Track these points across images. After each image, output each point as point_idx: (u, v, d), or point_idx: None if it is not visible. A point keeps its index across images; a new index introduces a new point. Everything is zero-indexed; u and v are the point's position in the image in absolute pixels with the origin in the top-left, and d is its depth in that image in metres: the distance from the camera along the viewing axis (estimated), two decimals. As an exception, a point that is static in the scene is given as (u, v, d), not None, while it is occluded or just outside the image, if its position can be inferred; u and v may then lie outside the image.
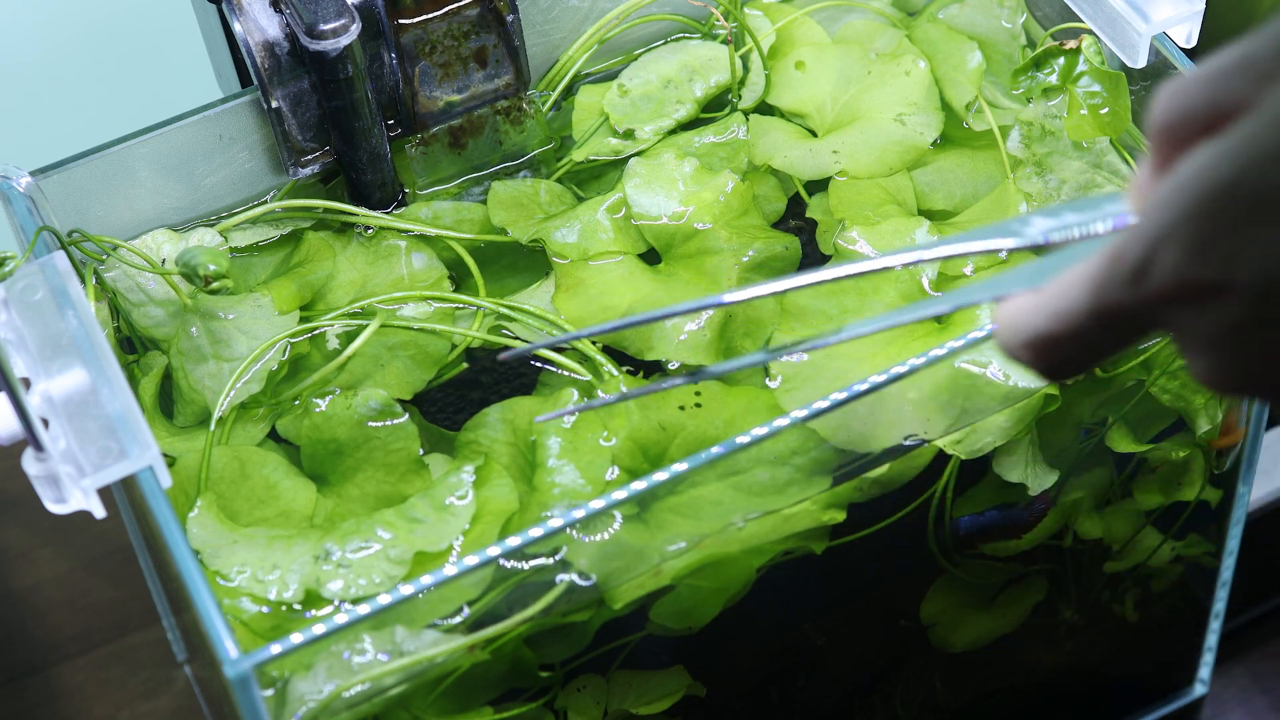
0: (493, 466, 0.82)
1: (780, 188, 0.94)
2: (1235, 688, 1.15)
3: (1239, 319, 0.49)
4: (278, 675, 0.73)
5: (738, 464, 0.79)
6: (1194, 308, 0.50)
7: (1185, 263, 0.49)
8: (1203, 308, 0.50)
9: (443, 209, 0.93)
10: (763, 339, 0.87)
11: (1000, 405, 0.82)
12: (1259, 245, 0.48)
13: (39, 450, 0.72)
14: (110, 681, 1.12)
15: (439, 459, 0.84)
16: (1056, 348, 0.54)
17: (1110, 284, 0.52)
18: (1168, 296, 0.50)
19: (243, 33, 0.86)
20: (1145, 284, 0.50)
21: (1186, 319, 0.50)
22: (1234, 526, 0.99)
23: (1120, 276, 0.51)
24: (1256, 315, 0.49)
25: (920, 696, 0.98)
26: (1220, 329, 0.50)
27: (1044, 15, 0.96)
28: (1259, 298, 0.48)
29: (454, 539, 0.79)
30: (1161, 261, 0.50)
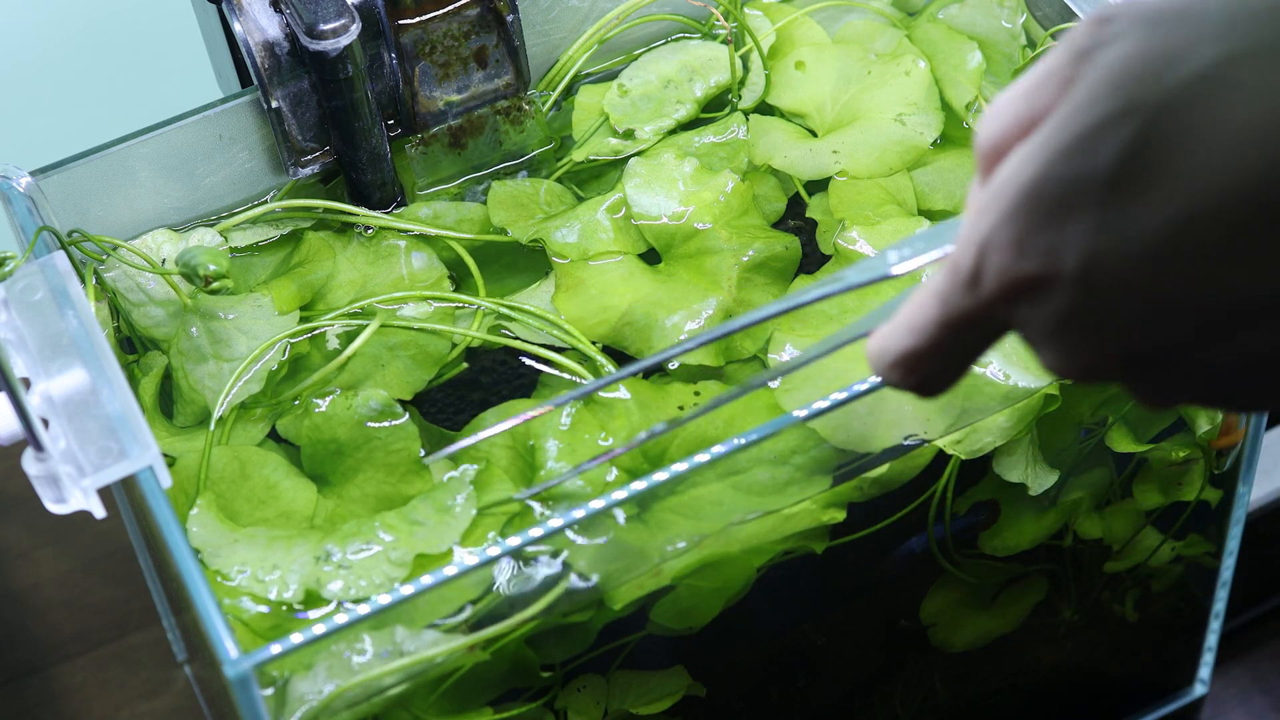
0: (494, 471, 0.82)
1: (780, 188, 0.94)
2: (1235, 688, 1.15)
3: (1069, 306, 0.51)
4: (278, 675, 0.73)
5: (738, 464, 0.79)
6: (1028, 303, 0.52)
7: (1011, 262, 0.52)
8: (1035, 301, 0.52)
9: (443, 209, 0.93)
10: (763, 339, 0.87)
11: (1000, 405, 0.82)
12: (1071, 234, 0.50)
13: (39, 450, 0.72)
14: (110, 681, 1.12)
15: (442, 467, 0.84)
16: (919, 362, 0.57)
17: (952, 293, 0.54)
18: (1002, 296, 0.53)
19: (243, 33, 0.86)
20: (981, 288, 0.53)
21: (1024, 314, 0.53)
22: (1234, 526, 0.99)
23: (959, 284, 0.54)
24: (1083, 300, 0.51)
25: (920, 696, 0.98)
26: (1055, 319, 0.52)
27: (1044, 15, 0.96)
28: (1081, 284, 0.50)
29: (454, 541, 0.79)
30: (990, 264, 0.52)
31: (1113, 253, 0.50)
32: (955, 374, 0.58)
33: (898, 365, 0.58)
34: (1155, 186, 0.49)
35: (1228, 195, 0.48)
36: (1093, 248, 0.50)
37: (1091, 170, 0.50)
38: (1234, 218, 0.48)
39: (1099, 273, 0.50)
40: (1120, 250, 0.50)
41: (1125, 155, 0.49)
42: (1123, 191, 0.49)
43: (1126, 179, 0.49)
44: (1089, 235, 0.50)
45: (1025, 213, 0.51)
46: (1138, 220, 0.49)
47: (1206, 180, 0.48)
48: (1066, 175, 0.50)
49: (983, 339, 0.56)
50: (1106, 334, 0.51)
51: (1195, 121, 0.48)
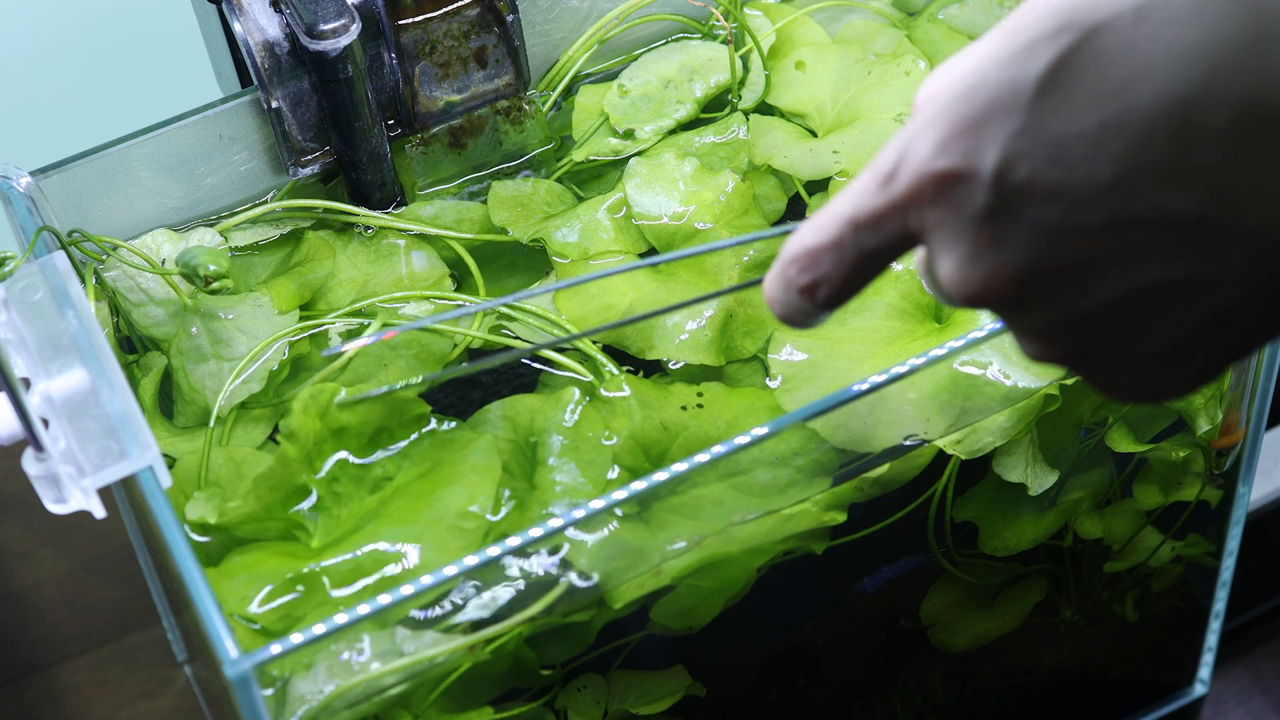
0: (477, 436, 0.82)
1: (780, 187, 0.94)
2: (1235, 688, 1.15)
3: (979, 204, 0.53)
4: (278, 675, 0.73)
5: (739, 464, 0.79)
6: (938, 202, 0.54)
7: (929, 157, 0.53)
8: (947, 200, 0.53)
9: (443, 209, 0.93)
10: (763, 338, 0.87)
11: (1000, 405, 0.82)
12: (994, 135, 0.52)
13: (39, 450, 0.72)
14: (110, 681, 1.12)
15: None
16: (817, 258, 0.58)
17: (864, 191, 0.56)
18: (914, 192, 0.54)
19: (243, 33, 0.86)
20: (895, 184, 0.55)
21: (932, 216, 0.54)
22: (1234, 526, 0.99)
23: (874, 181, 0.55)
24: (994, 199, 0.52)
25: (920, 696, 0.98)
26: (963, 218, 0.53)
27: (1044, 15, 0.96)
28: (997, 181, 0.52)
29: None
30: (909, 160, 0.54)
31: (1032, 153, 0.51)
32: (848, 283, 0.58)
33: (795, 260, 0.58)
34: (1080, 94, 0.51)
35: (1150, 108, 0.50)
36: (1013, 147, 0.52)
37: (1024, 75, 0.52)
38: (1151, 131, 0.50)
39: (1015, 172, 0.52)
40: (1040, 151, 0.51)
41: (1058, 63, 0.51)
42: (1050, 96, 0.51)
43: (1055, 84, 0.51)
44: (1012, 136, 0.52)
45: (952, 114, 0.53)
46: (1060, 125, 0.51)
47: (1131, 91, 0.50)
48: (999, 79, 0.52)
49: (884, 245, 0.56)
50: (1012, 239, 0.53)
51: (1128, 39, 0.50)
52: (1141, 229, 0.51)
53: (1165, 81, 0.49)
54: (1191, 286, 0.52)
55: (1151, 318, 0.53)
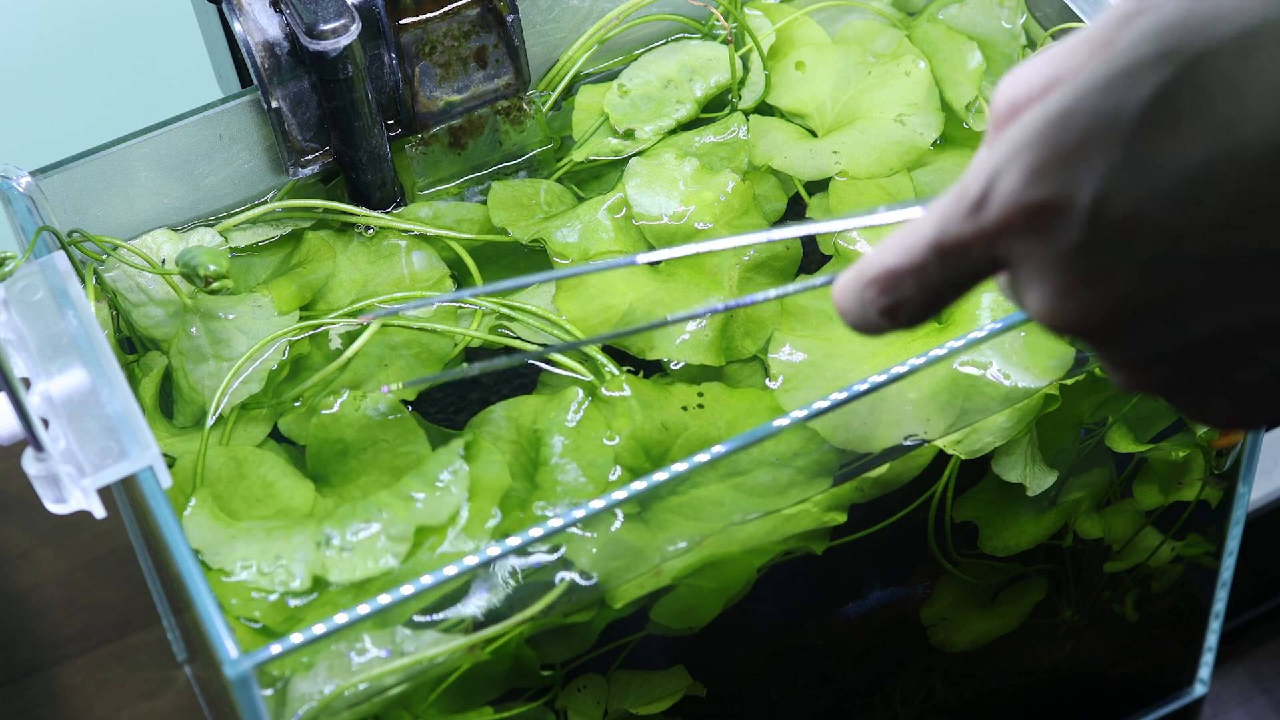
0: (480, 443, 0.82)
1: (780, 187, 0.94)
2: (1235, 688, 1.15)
3: (1074, 239, 0.51)
4: (278, 675, 0.73)
5: (739, 465, 0.79)
6: (1030, 234, 0.52)
7: (1021, 188, 0.51)
8: (1039, 232, 0.51)
9: (443, 209, 0.93)
10: (763, 339, 0.87)
11: (1000, 405, 0.82)
12: (1090, 168, 0.50)
13: (39, 450, 0.72)
14: (110, 681, 1.12)
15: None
16: (899, 282, 0.56)
17: (952, 216, 0.53)
18: (1005, 223, 0.52)
19: (243, 33, 0.86)
20: (984, 213, 0.52)
21: (1023, 249, 0.52)
22: (1234, 526, 0.99)
23: (962, 208, 0.53)
24: (1090, 234, 0.50)
25: (920, 696, 0.98)
26: (1056, 253, 0.51)
27: (1044, 15, 0.96)
28: (1093, 216, 0.50)
29: (453, 510, 0.79)
30: (999, 189, 0.52)
31: (1131, 189, 0.50)
32: (929, 308, 0.56)
33: (875, 282, 0.56)
34: (1185, 129, 0.49)
35: (1256, 148, 0.48)
36: (1111, 181, 0.50)
37: (1124, 105, 0.50)
38: (1258, 171, 0.48)
39: (1113, 207, 0.50)
40: (1139, 187, 0.49)
41: (1160, 94, 0.49)
42: (1152, 129, 0.49)
43: (1157, 117, 0.49)
44: (1110, 169, 0.50)
45: (1048, 141, 0.51)
46: (1163, 160, 0.49)
47: (1238, 130, 0.48)
48: (1097, 108, 0.50)
49: (970, 273, 0.55)
50: (1108, 276, 0.51)
51: (1234, 72, 0.48)
52: (1242, 267, 0.49)
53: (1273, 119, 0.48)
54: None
55: (1247, 352, 0.51)
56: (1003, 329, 0.78)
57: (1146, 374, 0.53)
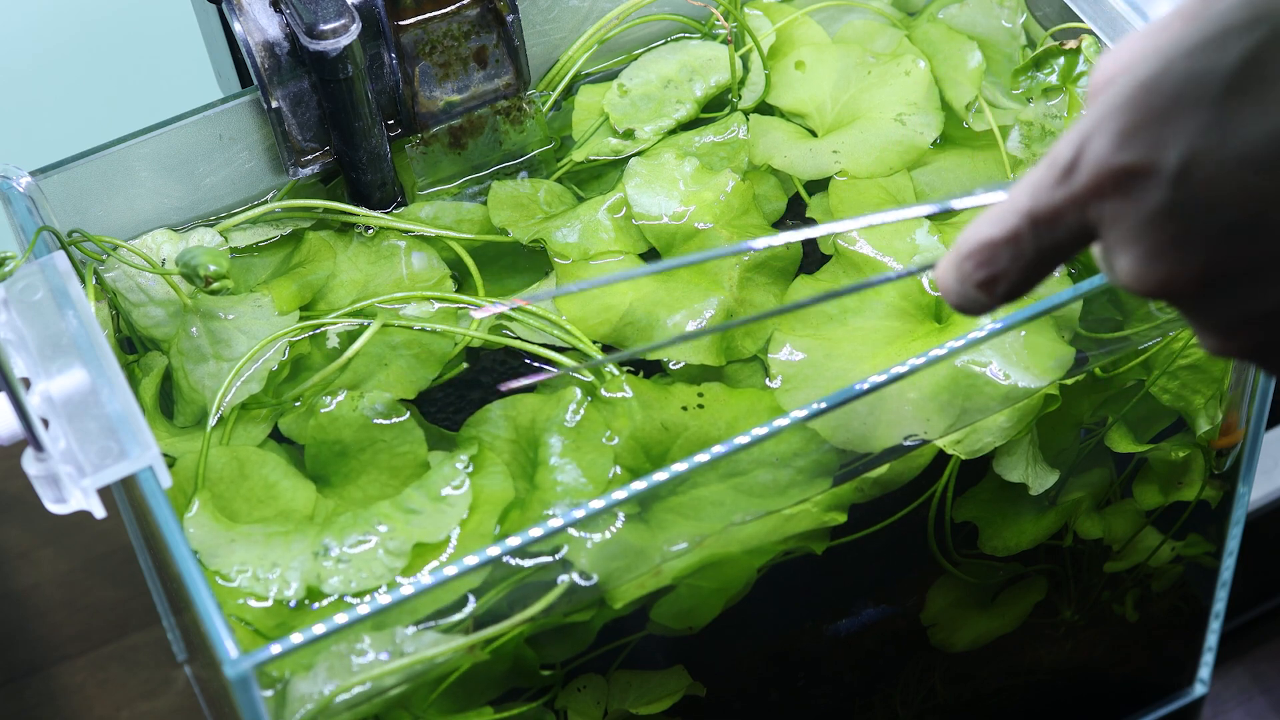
0: (486, 455, 0.82)
1: (780, 187, 0.94)
2: (1235, 688, 1.15)
3: (1161, 201, 0.51)
4: (278, 675, 0.73)
5: (739, 465, 0.79)
6: (1118, 197, 0.52)
7: (1111, 151, 0.52)
8: (1127, 195, 0.52)
9: (443, 209, 0.93)
10: (763, 339, 0.87)
11: (1000, 405, 0.82)
12: (1178, 131, 0.50)
13: (39, 450, 0.72)
14: (110, 681, 1.12)
15: (439, 457, 0.84)
16: (996, 252, 0.56)
17: (1044, 183, 0.54)
18: (1096, 186, 0.53)
19: (243, 33, 0.86)
20: (1074, 179, 0.53)
21: (1111, 211, 0.53)
22: (1234, 526, 0.99)
23: (1053, 175, 0.54)
24: (1177, 196, 0.51)
25: (920, 696, 0.98)
26: (1143, 215, 0.52)
27: (1044, 15, 0.96)
28: (1180, 178, 0.51)
29: (452, 529, 0.79)
30: (1089, 153, 0.52)
31: (1218, 151, 0.50)
32: (1026, 277, 0.57)
33: (973, 255, 0.57)
34: (1273, 93, 0.49)
35: None
36: (1199, 144, 0.50)
37: (1213, 68, 0.50)
38: None
39: (1200, 170, 0.50)
40: (1226, 150, 0.50)
41: (1248, 58, 0.49)
42: (1240, 93, 0.50)
43: (1245, 81, 0.49)
44: (1198, 132, 0.50)
45: (1137, 104, 0.51)
46: (1250, 123, 0.49)
47: None
48: (1187, 71, 0.50)
49: (1064, 240, 0.55)
50: (1194, 238, 0.51)
51: None
52: None
53: None
54: None
55: None
56: (1003, 329, 0.78)
57: (1235, 337, 0.53)
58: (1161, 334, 0.85)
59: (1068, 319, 0.84)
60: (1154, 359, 0.86)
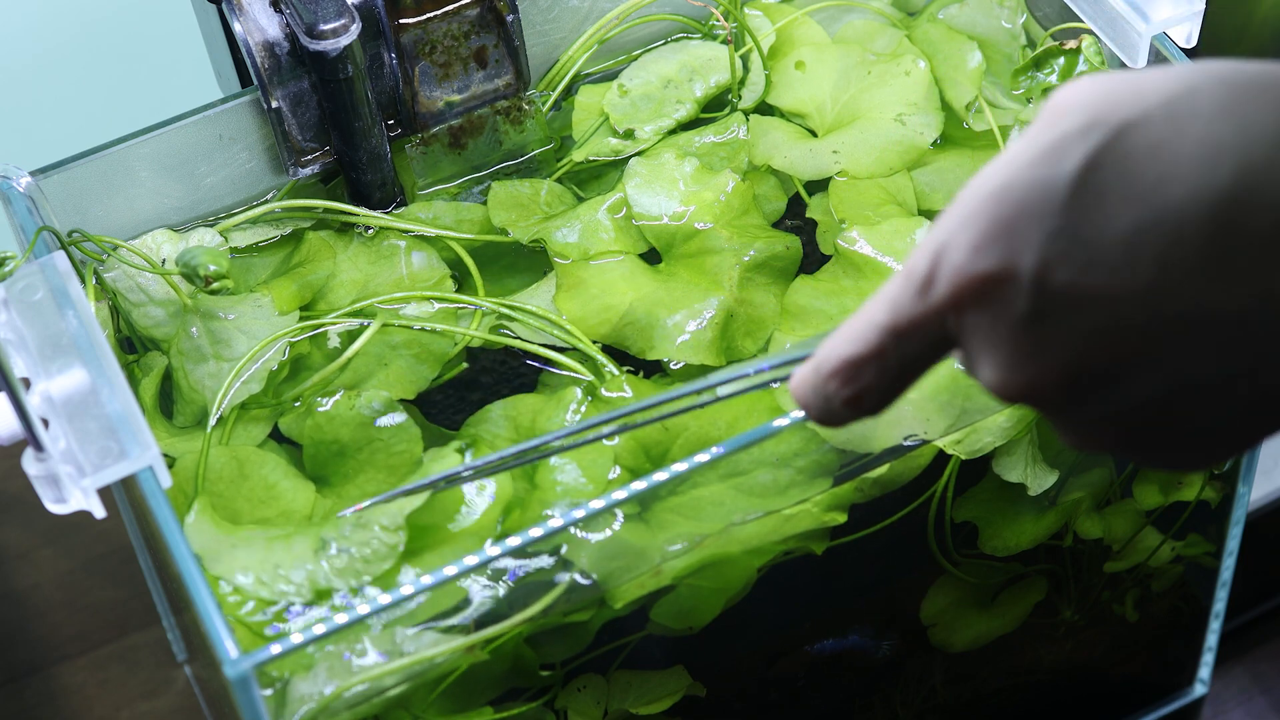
0: (483, 450, 0.82)
1: (780, 187, 0.94)
2: (1235, 688, 1.15)
3: (1020, 310, 0.52)
4: (278, 675, 0.73)
5: (740, 465, 0.79)
6: (977, 307, 0.53)
7: (967, 261, 0.52)
8: (987, 304, 0.52)
9: (443, 209, 0.93)
10: (763, 339, 0.87)
11: (1000, 405, 0.82)
12: (1029, 238, 0.51)
13: (39, 450, 0.72)
14: (110, 681, 1.12)
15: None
16: (859, 370, 0.57)
17: (902, 297, 0.55)
18: (955, 297, 0.53)
19: (243, 33, 0.86)
20: (933, 291, 0.53)
21: (973, 322, 0.53)
22: (1234, 526, 0.99)
23: (911, 289, 0.54)
24: (1036, 304, 0.51)
25: (920, 696, 0.98)
26: (1003, 323, 0.52)
27: (1044, 15, 0.96)
28: (1037, 285, 0.51)
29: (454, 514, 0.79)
30: (945, 264, 0.53)
31: (1071, 256, 0.50)
32: (892, 390, 0.58)
33: (836, 374, 0.57)
34: (1115, 195, 0.50)
35: (1184, 208, 0.49)
36: (1051, 250, 0.51)
37: (1055, 176, 0.51)
38: (1186, 232, 0.49)
39: (1056, 276, 0.51)
40: (1078, 255, 0.50)
41: (1089, 163, 0.50)
42: (1084, 197, 0.50)
43: (1088, 185, 0.50)
44: (1048, 238, 0.51)
45: (986, 215, 0.52)
46: (1097, 227, 0.50)
47: (1164, 191, 0.49)
48: (1030, 180, 0.51)
49: (926, 351, 0.56)
50: (1054, 344, 0.52)
51: (1158, 138, 0.50)
52: (1181, 328, 0.50)
53: (1197, 180, 0.49)
54: (1234, 378, 0.51)
55: (1193, 407, 0.52)
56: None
57: (1096, 436, 0.54)
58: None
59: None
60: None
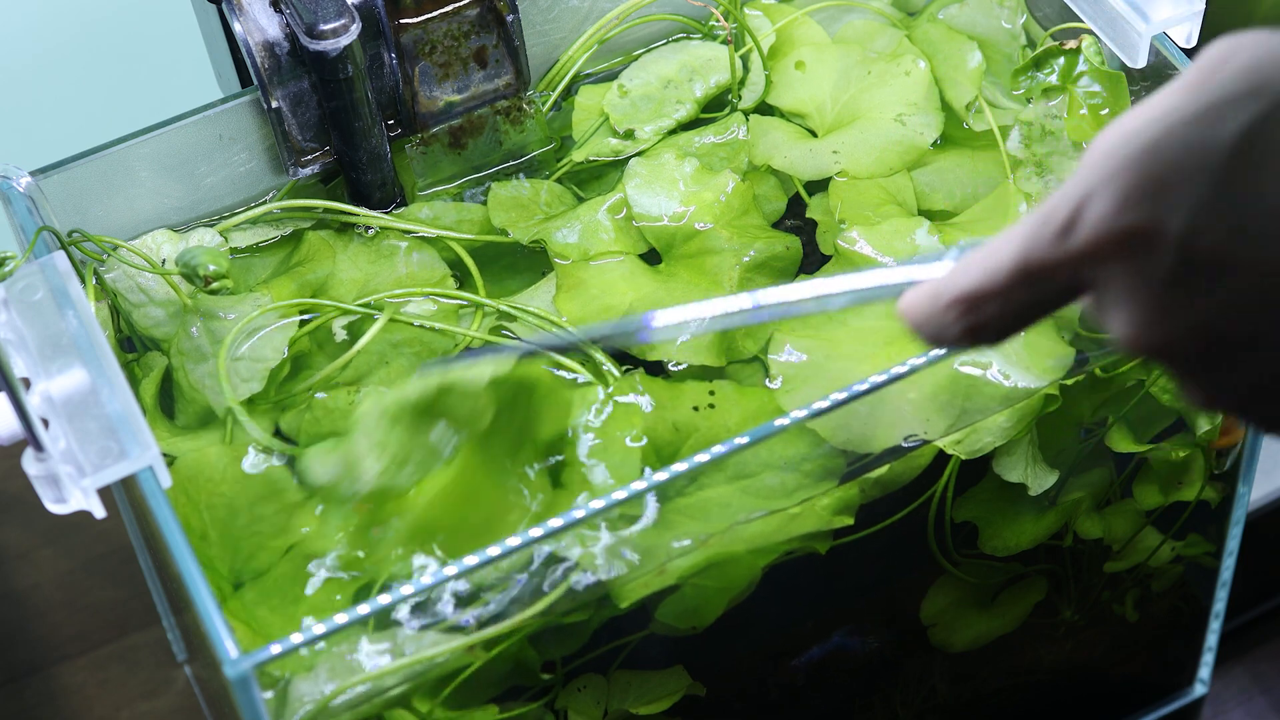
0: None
1: (780, 188, 0.94)
2: (1235, 688, 1.15)
3: (1164, 267, 0.51)
4: (278, 675, 0.73)
5: (747, 467, 0.79)
6: (1119, 259, 0.52)
7: (1113, 213, 0.52)
8: (1129, 258, 0.52)
9: (443, 209, 0.93)
10: (764, 339, 0.87)
11: (1000, 405, 0.82)
12: (1181, 198, 0.50)
13: (39, 450, 0.72)
14: (110, 681, 1.12)
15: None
16: (983, 303, 0.56)
17: (1038, 240, 0.54)
18: (1095, 248, 0.52)
19: (243, 33, 0.86)
20: (1072, 237, 0.53)
21: (1110, 272, 0.52)
22: (1234, 526, 0.99)
23: (1049, 232, 0.53)
24: (1180, 264, 0.51)
25: (920, 696, 0.98)
26: (1144, 279, 0.52)
27: (1044, 15, 0.96)
28: (1184, 246, 0.50)
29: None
30: (1089, 213, 0.52)
31: (1221, 223, 0.50)
32: (1012, 328, 0.57)
33: (957, 303, 0.57)
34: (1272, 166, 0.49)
35: None
36: (1202, 213, 0.50)
37: (1213, 137, 0.50)
38: None
39: (1202, 240, 0.50)
40: (1228, 222, 0.50)
41: (1249, 129, 0.50)
42: (1241, 164, 0.50)
43: (1247, 152, 0.50)
44: (1201, 201, 0.50)
45: (1139, 168, 0.51)
46: (1251, 196, 0.49)
47: None
48: (1187, 139, 0.50)
49: (1052, 294, 0.55)
50: (1195, 306, 0.51)
51: None
52: None
53: None
54: None
55: None
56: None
57: (1222, 397, 0.53)
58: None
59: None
60: (1154, 359, 0.86)
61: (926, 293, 0.58)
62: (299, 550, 0.80)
